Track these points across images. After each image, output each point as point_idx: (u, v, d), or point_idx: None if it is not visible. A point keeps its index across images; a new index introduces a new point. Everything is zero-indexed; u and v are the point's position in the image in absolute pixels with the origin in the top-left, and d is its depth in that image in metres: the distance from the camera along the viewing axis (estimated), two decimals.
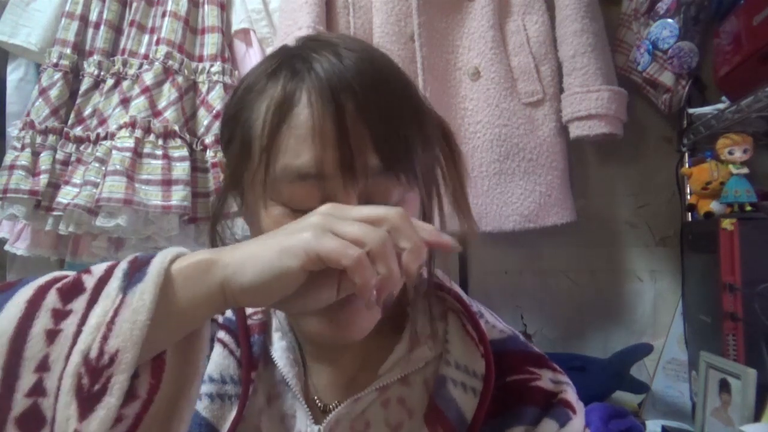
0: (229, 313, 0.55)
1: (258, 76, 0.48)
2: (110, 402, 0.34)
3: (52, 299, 0.36)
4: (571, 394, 0.52)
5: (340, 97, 0.43)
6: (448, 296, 0.55)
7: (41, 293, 0.37)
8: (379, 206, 0.39)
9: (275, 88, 0.46)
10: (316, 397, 0.53)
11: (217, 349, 0.53)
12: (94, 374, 0.34)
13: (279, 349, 0.54)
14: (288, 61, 0.47)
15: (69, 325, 0.35)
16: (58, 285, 0.37)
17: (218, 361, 0.52)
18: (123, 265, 0.38)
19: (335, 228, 0.37)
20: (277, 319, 0.55)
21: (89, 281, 0.38)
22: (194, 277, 0.38)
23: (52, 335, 0.35)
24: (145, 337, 0.35)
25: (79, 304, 0.36)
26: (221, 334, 0.54)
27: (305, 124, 0.43)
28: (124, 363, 0.34)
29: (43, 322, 0.35)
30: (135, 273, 0.37)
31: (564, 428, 0.49)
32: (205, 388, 0.51)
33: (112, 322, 0.35)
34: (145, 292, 0.36)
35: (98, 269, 0.39)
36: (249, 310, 0.55)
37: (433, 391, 0.51)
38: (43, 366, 0.34)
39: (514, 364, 0.53)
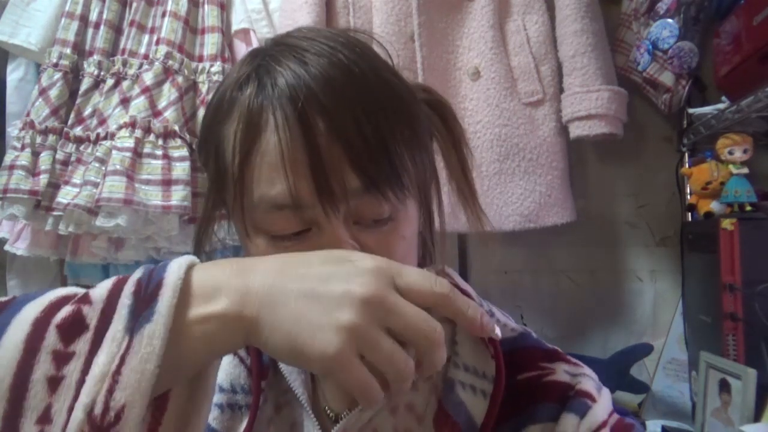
0: None
1: (226, 88, 0.45)
2: None
3: (52, 339, 0.33)
4: (588, 383, 0.50)
5: (308, 117, 0.40)
6: None
7: (40, 331, 0.33)
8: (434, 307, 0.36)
9: (242, 107, 0.43)
10: (326, 407, 0.52)
11: (227, 358, 0.52)
12: None
13: None
14: (255, 71, 0.44)
15: (72, 371, 0.33)
16: (57, 321, 0.34)
17: (228, 370, 0.51)
18: (127, 300, 0.34)
19: (371, 343, 0.33)
20: None
21: (91, 316, 0.34)
22: (214, 334, 0.34)
23: (54, 383, 0.32)
24: (153, 386, 0.32)
25: (81, 346, 0.33)
26: None
27: (275, 151, 0.40)
28: (131, 420, 0.32)
29: (44, 367, 0.32)
30: (142, 310, 0.34)
31: (584, 419, 0.47)
32: (216, 398, 0.50)
33: (118, 372, 0.32)
34: (154, 336, 0.33)
35: (99, 296, 0.35)
36: None
37: (441, 395, 0.50)
38: (45, 418, 0.32)
39: (526, 361, 0.51)
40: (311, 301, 0.34)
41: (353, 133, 0.40)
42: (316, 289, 0.34)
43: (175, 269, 0.35)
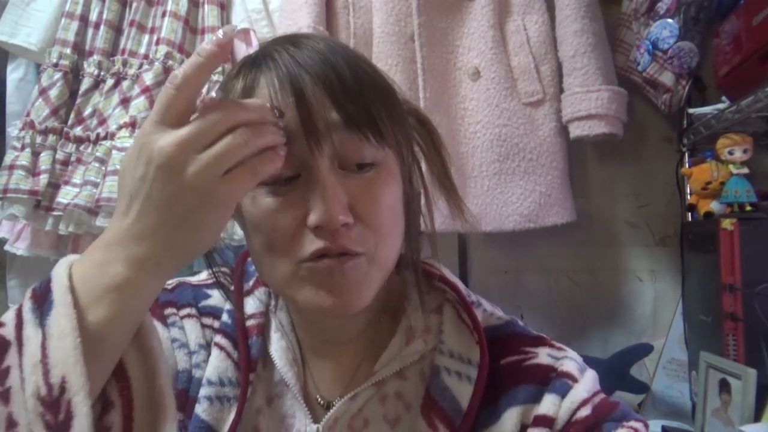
0: (226, 317, 0.55)
1: (225, 78, 0.50)
2: (81, 422, 0.35)
3: None
4: (570, 364, 0.52)
5: (297, 72, 0.44)
6: (446, 287, 0.55)
7: None
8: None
9: (239, 81, 0.47)
10: (318, 396, 0.54)
11: (215, 353, 0.53)
12: (54, 407, 0.35)
13: (279, 349, 0.54)
14: (251, 59, 0.48)
15: (14, 380, 0.36)
16: None
17: (216, 364, 0.53)
18: (28, 304, 0.39)
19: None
20: (277, 320, 0.56)
21: (8, 332, 0.38)
22: (93, 274, 0.38)
23: (4, 396, 0.36)
24: (85, 353, 0.36)
25: (12, 358, 0.37)
26: (218, 338, 0.54)
27: (266, 98, 0.44)
28: (75, 384, 0.35)
29: None
30: (42, 305, 0.38)
31: (566, 398, 0.48)
32: (204, 391, 0.51)
33: (44, 357, 0.36)
34: (59, 316, 0.37)
35: (9, 318, 0.39)
36: (248, 312, 0.55)
37: (428, 381, 0.51)
38: (11, 424, 0.35)
39: (510, 346, 0.53)
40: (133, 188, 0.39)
41: (335, 80, 0.44)
42: (129, 174, 0.39)
43: (61, 264, 0.40)
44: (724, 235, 1.04)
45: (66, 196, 1.19)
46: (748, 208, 1.07)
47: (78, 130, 1.26)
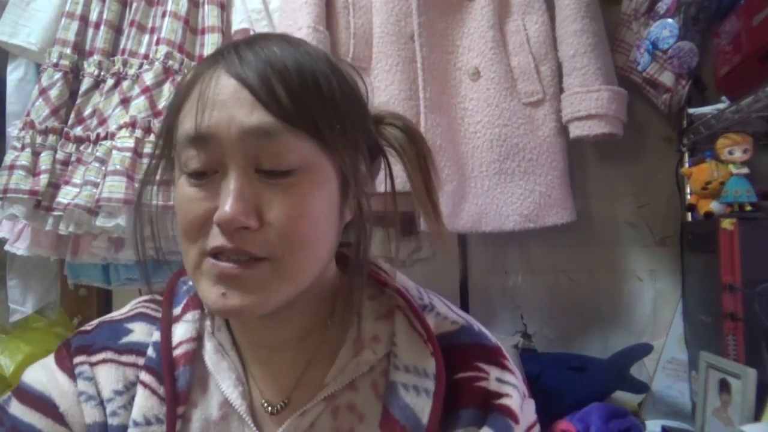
0: (151, 351, 0.53)
1: (188, 73, 0.53)
2: None
3: None
4: (515, 399, 0.51)
5: (231, 68, 0.45)
6: (393, 293, 0.54)
7: None
8: None
9: (190, 75, 0.49)
10: (264, 402, 0.52)
11: (140, 391, 0.51)
12: None
13: (221, 371, 0.52)
14: (210, 56, 0.49)
15: None
16: None
17: (141, 403, 0.51)
18: None
19: None
20: (216, 341, 0.54)
21: None
22: None
23: None
24: None
25: None
26: (143, 376, 0.52)
27: (201, 94, 0.45)
28: None
29: None
30: None
31: None
32: None
33: None
34: None
35: None
36: (175, 341, 0.53)
37: (384, 398, 0.51)
38: None
39: (465, 359, 0.52)
40: None
41: (266, 83, 0.44)
42: None
43: None
44: (724, 235, 1.04)
45: (66, 196, 1.19)
46: (748, 208, 1.07)
47: (78, 130, 1.26)
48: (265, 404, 0.52)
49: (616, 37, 1.30)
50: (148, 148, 1.16)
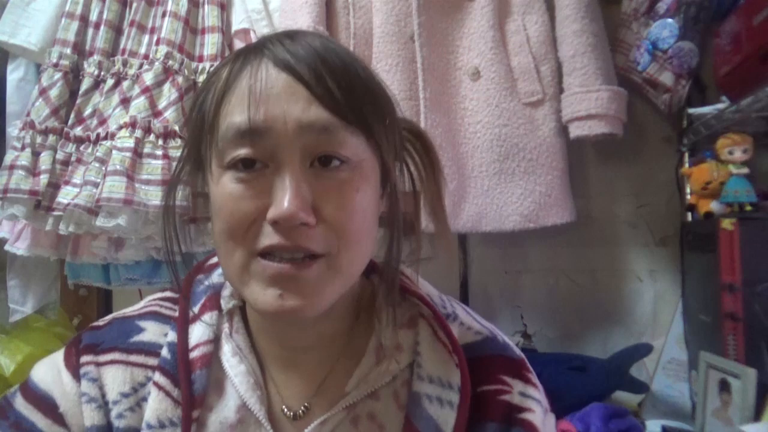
0: (165, 351, 0.52)
1: (215, 67, 0.50)
2: None
3: None
4: (537, 415, 0.51)
5: (281, 61, 0.44)
6: (417, 301, 0.53)
7: None
8: None
9: (226, 71, 0.47)
10: (284, 407, 0.52)
11: (153, 393, 0.50)
12: None
13: (239, 374, 0.52)
14: (244, 50, 0.48)
15: None
16: None
17: (154, 406, 0.50)
18: None
19: None
20: (234, 343, 0.53)
21: None
22: None
23: None
24: None
25: None
26: (156, 377, 0.51)
27: (249, 87, 0.43)
28: None
29: None
30: None
31: None
32: None
33: None
34: None
35: None
36: (192, 342, 0.52)
37: (407, 409, 0.50)
38: None
39: (490, 371, 0.52)
40: None
41: (321, 74, 0.43)
42: None
43: None
44: (723, 235, 1.04)
45: (66, 196, 1.19)
46: (748, 208, 1.07)
47: (78, 130, 1.26)
48: (285, 410, 0.51)
49: (616, 37, 1.30)
50: (148, 148, 1.16)
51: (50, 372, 0.53)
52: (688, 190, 1.28)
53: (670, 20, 1.16)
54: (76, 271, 1.38)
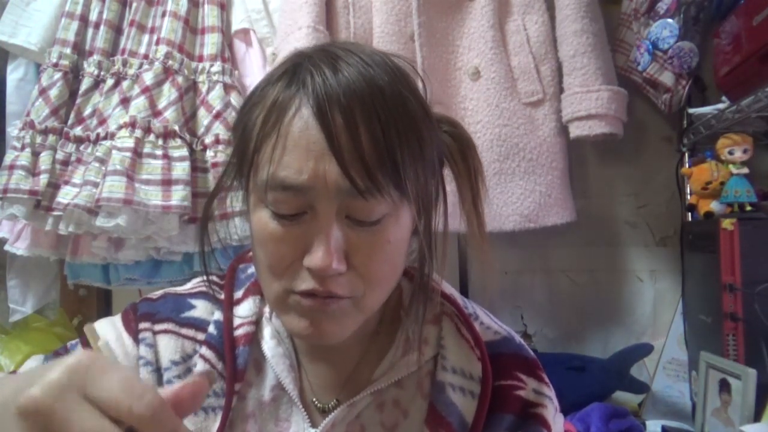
0: (212, 328, 0.56)
1: (263, 81, 0.50)
2: None
3: None
4: (549, 411, 0.54)
5: (328, 113, 0.43)
6: (443, 300, 0.56)
7: None
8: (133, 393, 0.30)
9: (271, 95, 0.47)
10: (314, 399, 0.55)
11: (200, 365, 0.54)
12: None
13: (276, 355, 0.55)
14: (290, 70, 0.48)
15: None
16: None
17: None
18: None
19: (63, 417, 0.29)
20: (273, 327, 0.57)
21: None
22: None
23: None
24: None
25: None
26: (203, 350, 0.55)
27: (292, 136, 0.44)
28: None
29: None
30: None
31: None
32: None
33: None
34: None
35: None
36: (236, 322, 0.56)
37: (432, 396, 0.53)
38: None
39: (507, 368, 0.55)
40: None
41: (364, 136, 0.43)
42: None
43: None
44: (724, 235, 1.04)
45: (66, 196, 1.19)
46: (748, 208, 1.07)
47: (78, 130, 1.26)
48: (315, 401, 0.55)
49: (616, 37, 1.30)
50: (147, 148, 1.16)
51: (113, 332, 0.56)
52: (688, 190, 1.28)
53: (670, 20, 1.16)
54: (75, 271, 1.38)
